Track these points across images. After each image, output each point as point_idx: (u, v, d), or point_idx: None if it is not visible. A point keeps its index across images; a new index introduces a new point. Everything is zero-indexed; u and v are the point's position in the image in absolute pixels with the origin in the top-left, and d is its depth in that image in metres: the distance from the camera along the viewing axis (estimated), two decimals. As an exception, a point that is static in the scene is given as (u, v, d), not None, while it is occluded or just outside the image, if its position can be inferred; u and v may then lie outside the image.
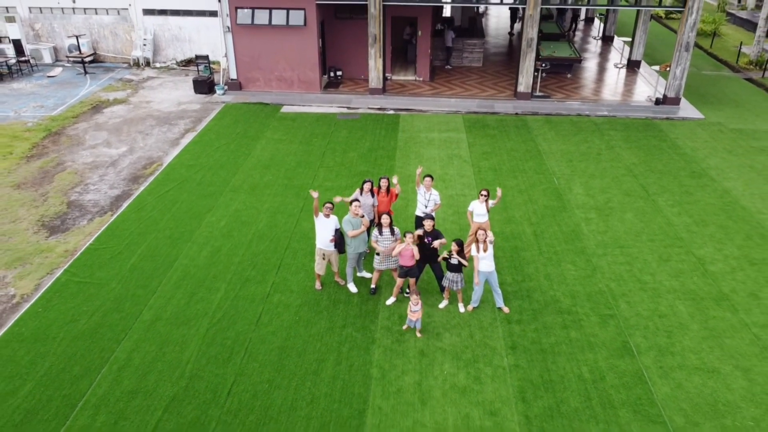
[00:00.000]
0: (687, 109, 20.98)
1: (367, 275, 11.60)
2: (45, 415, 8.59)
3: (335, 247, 10.81)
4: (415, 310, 9.90)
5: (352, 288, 11.28)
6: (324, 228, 10.72)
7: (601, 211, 14.16)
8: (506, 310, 10.73)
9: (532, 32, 20.62)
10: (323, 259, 10.97)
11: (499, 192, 11.63)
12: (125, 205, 14.44)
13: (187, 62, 26.25)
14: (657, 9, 23.45)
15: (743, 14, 35.62)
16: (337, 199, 11.27)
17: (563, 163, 16.69)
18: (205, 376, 9.28)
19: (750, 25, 33.17)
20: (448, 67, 25.71)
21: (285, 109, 20.93)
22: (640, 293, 11.27)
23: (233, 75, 22.32)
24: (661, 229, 13.40)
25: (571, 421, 8.54)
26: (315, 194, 10.63)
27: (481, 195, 11.44)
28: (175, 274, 11.74)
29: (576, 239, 13.02)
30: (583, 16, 36.21)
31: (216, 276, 11.71)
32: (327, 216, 10.68)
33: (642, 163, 16.73)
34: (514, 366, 9.53)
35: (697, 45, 30.62)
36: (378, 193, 11.64)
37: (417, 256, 10.26)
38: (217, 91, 22.33)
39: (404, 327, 10.25)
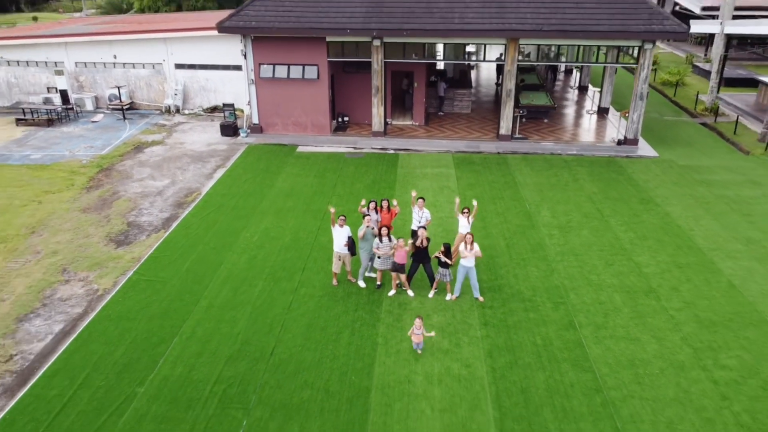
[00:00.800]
0: (645, 149, 24.49)
1: (374, 275, 14.76)
2: (138, 367, 11.65)
3: (348, 250, 14.02)
4: (417, 333, 12.15)
5: (362, 284, 14.45)
6: (339, 236, 13.95)
7: (563, 229, 17.40)
8: (481, 299, 13.86)
9: (510, 84, 24.32)
10: (339, 260, 14.16)
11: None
12: (174, 225, 17.70)
13: (213, 109, 29.96)
14: (615, 65, 27.28)
15: (707, 66, 39.64)
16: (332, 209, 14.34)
17: (535, 192, 20.04)
18: (252, 342, 12.37)
19: (711, 76, 37.05)
20: (441, 113, 29.40)
21: (300, 149, 24.43)
22: (586, 287, 14.42)
23: (255, 120, 25.94)
24: (609, 242, 16.62)
25: (525, 371, 11.59)
26: (332, 210, 13.99)
27: (464, 212, 14.75)
28: (222, 274, 14.91)
29: (540, 249, 16.23)
30: (563, 68, 40.32)
31: (254, 276, 14.87)
32: (341, 226, 13.93)
33: (600, 192, 20.08)
34: (485, 336, 12.61)
35: (662, 93, 34.54)
36: (381, 211, 14.92)
37: (409, 249, 13.52)
38: (241, 134, 25.89)
39: (419, 352, 12.18)
